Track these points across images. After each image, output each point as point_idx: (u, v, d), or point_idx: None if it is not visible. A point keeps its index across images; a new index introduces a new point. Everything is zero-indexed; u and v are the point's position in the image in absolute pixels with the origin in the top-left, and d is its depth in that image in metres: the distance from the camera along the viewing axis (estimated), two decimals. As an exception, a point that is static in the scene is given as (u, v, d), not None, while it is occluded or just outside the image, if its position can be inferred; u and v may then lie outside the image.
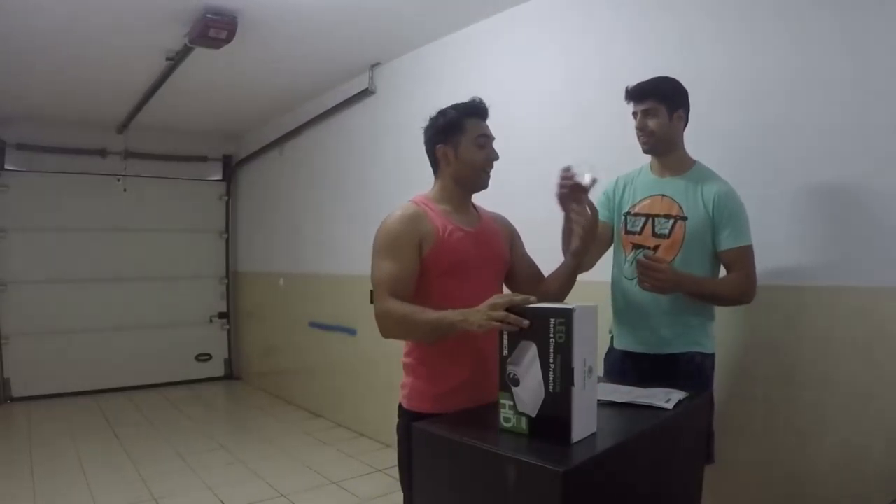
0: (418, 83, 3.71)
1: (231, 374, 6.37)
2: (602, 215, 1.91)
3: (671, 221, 1.84)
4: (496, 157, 1.67)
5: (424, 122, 1.69)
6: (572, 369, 1.16)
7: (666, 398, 1.45)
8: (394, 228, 1.58)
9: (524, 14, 3.03)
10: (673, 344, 1.86)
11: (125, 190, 5.64)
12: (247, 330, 6.25)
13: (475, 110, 1.65)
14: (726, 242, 1.81)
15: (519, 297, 1.29)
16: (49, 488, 3.18)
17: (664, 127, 1.86)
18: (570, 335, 1.15)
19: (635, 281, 1.83)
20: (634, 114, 1.90)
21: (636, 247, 1.90)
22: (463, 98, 1.68)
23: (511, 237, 1.80)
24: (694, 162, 1.93)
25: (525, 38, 3.03)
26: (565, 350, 1.16)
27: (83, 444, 3.99)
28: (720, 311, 1.99)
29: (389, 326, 1.51)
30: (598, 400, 1.30)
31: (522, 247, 1.82)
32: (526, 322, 1.22)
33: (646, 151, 1.93)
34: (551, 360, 1.18)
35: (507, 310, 1.26)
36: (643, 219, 1.90)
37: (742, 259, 1.81)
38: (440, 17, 3.27)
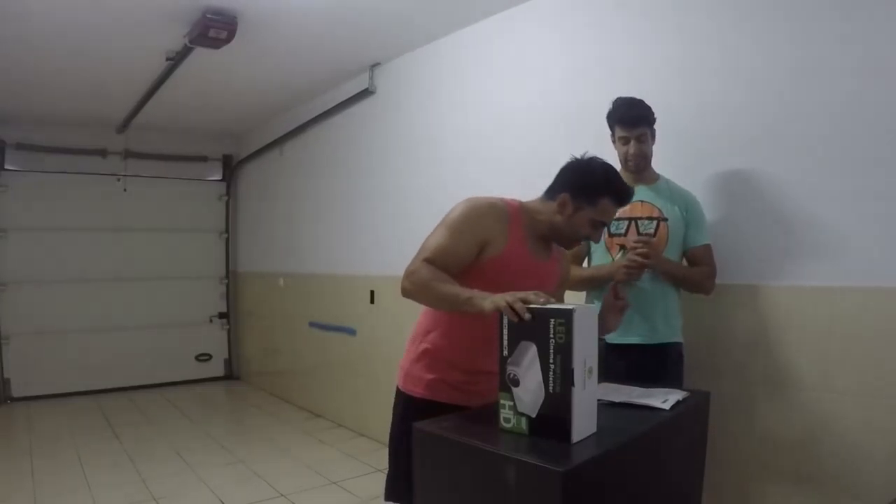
0: (418, 83, 3.70)
1: (231, 374, 6.37)
2: None
3: (655, 222, 2.03)
4: (597, 241, 1.60)
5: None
6: (572, 370, 1.16)
7: (663, 399, 1.45)
8: (474, 210, 1.51)
9: (524, 14, 3.02)
10: (665, 335, 2.04)
11: (125, 190, 5.65)
12: (247, 330, 6.25)
13: (619, 196, 1.56)
14: (696, 240, 2.07)
15: (535, 296, 1.23)
16: (49, 488, 3.18)
17: (651, 149, 2.08)
18: (571, 335, 1.15)
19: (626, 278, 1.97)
20: (624, 138, 2.06)
21: (622, 247, 2.03)
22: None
23: (563, 278, 1.73)
24: (658, 174, 2.13)
25: (525, 39, 3.03)
26: (565, 350, 1.16)
27: (83, 444, 3.99)
28: (720, 311, 2.05)
29: (413, 284, 1.45)
30: (598, 400, 1.30)
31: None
32: (528, 315, 1.20)
33: (635, 171, 2.08)
34: (551, 361, 1.18)
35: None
36: (626, 222, 2.04)
37: (708, 254, 2.09)
38: (440, 17, 3.27)
